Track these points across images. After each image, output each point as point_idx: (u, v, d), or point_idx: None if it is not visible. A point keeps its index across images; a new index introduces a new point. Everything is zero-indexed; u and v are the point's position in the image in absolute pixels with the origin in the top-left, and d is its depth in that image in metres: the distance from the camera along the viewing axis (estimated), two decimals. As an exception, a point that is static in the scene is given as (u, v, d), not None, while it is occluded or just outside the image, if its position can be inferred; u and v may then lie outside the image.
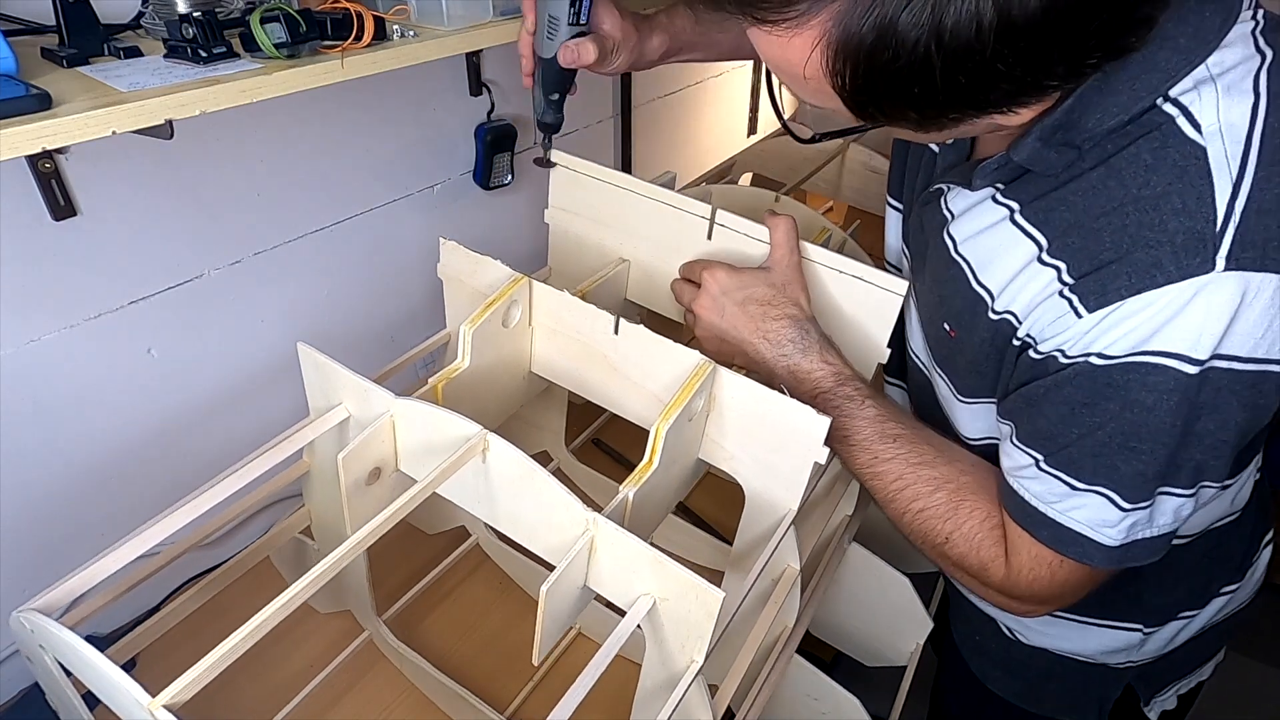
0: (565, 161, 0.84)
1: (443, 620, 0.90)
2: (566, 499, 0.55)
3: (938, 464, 0.65)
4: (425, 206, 1.11)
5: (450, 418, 0.59)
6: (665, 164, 1.61)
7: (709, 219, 0.77)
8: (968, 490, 0.64)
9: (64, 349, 0.79)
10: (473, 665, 0.83)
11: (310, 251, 0.98)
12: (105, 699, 0.50)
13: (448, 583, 0.94)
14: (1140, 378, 0.52)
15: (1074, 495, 0.57)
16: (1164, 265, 0.50)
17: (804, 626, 0.80)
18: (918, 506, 0.65)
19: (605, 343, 0.70)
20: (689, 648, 0.55)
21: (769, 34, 0.47)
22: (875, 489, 0.67)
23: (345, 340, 1.07)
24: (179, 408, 0.91)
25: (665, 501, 0.69)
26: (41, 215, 0.74)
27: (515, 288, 0.70)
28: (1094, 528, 0.57)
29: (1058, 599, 0.62)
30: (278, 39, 0.63)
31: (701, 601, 0.52)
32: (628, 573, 0.55)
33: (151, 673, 0.83)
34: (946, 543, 0.64)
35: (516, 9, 0.83)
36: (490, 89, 1.12)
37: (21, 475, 0.80)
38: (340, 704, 0.81)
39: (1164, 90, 0.51)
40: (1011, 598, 0.64)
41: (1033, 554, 0.60)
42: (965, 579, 0.66)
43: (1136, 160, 0.51)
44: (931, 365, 0.73)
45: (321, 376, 0.66)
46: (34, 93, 0.53)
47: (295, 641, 0.87)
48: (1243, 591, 0.80)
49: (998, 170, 0.59)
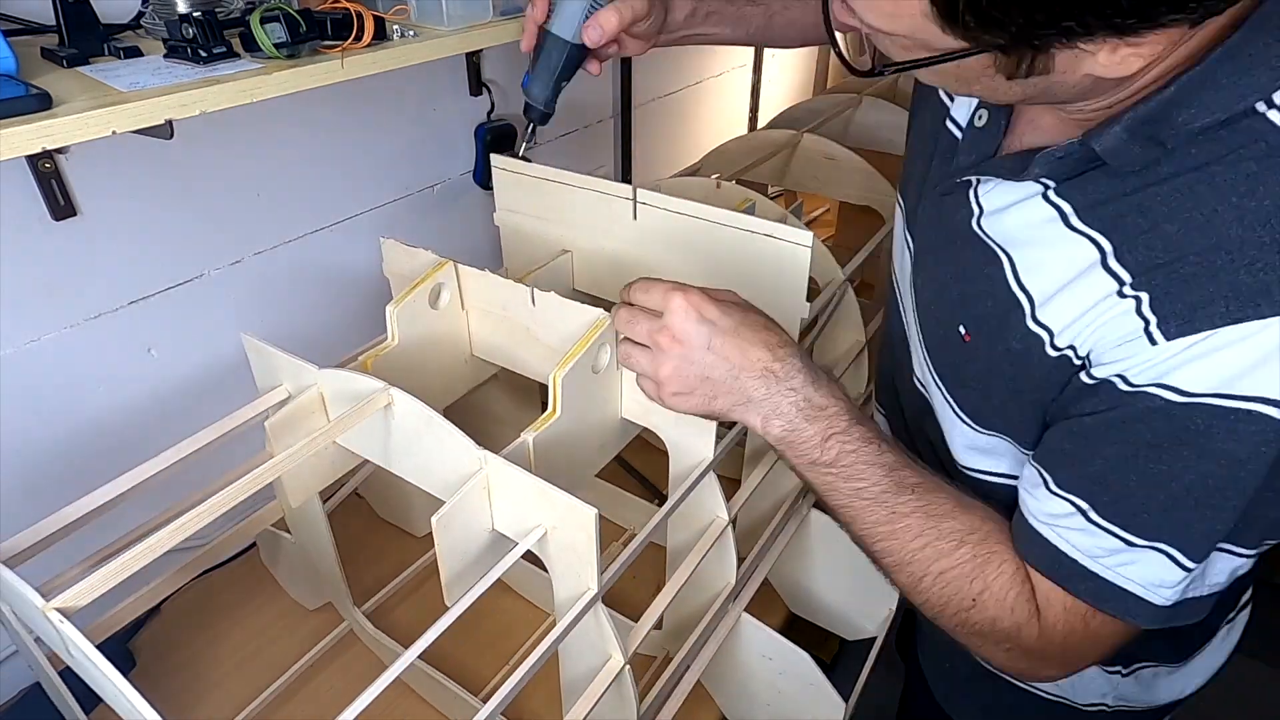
0: (502, 164, 0.86)
1: (420, 610, 0.93)
2: (462, 440, 0.58)
3: (958, 514, 0.56)
4: (425, 206, 1.11)
5: (363, 379, 0.63)
6: (665, 164, 1.61)
7: (632, 199, 0.79)
8: (993, 541, 0.56)
9: (64, 349, 0.79)
10: (449, 652, 0.86)
11: (311, 252, 0.98)
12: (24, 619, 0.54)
13: (426, 575, 0.96)
14: (1228, 425, 0.44)
15: (1129, 551, 0.50)
16: (1272, 293, 0.42)
17: (753, 586, 0.82)
18: (940, 567, 0.55)
19: (526, 314, 0.73)
20: (584, 576, 0.57)
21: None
22: (888, 550, 0.57)
23: (345, 340, 1.07)
24: (179, 408, 0.91)
25: (586, 458, 0.70)
26: (41, 215, 0.74)
27: (440, 270, 0.73)
28: (1148, 587, 0.50)
29: (1091, 658, 0.55)
30: (278, 39, 0.63)
31: (580, 523, 0.54)
32: (523, 509, 0.58)
33: (152, 672, 0.84)
34: (974, 606, 0.55)
35: (517, 9, 0.83)
36: (490, 89, 1.12)
37: (21, 475, 0.80)
38: (320, 690, 0.84)
39: (1270, 92, 0.44)
40: (1044, 660, 0.55)
41: (1066, 606, 0.53)
42: (989, 648, 0.57)
43: (1238, 168, 0.44)
44: (929, 375, 0.65)
45: (263, 360, 0.70)
46: (34, 93, 0.53)
47: (279, 633, 0.89)
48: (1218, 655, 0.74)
49: (1062, 160, 0.50)
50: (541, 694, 0.83)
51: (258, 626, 0.89)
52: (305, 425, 0.68)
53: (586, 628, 0.60)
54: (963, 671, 0.80)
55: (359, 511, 1.05)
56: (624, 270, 0.83)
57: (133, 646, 0.86)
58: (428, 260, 0.75)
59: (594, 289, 0.88)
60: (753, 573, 0.83)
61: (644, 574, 0.94)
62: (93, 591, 0.48)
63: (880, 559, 0.58)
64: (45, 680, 0.62)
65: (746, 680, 0.83)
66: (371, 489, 1.03)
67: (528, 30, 0.72)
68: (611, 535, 0.98)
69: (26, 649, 0.58)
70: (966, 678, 0.79)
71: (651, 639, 0.73)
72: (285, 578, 0.93)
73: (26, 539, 0.56)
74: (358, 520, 1.04)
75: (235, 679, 0.84)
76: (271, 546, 0.91)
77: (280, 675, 0.83)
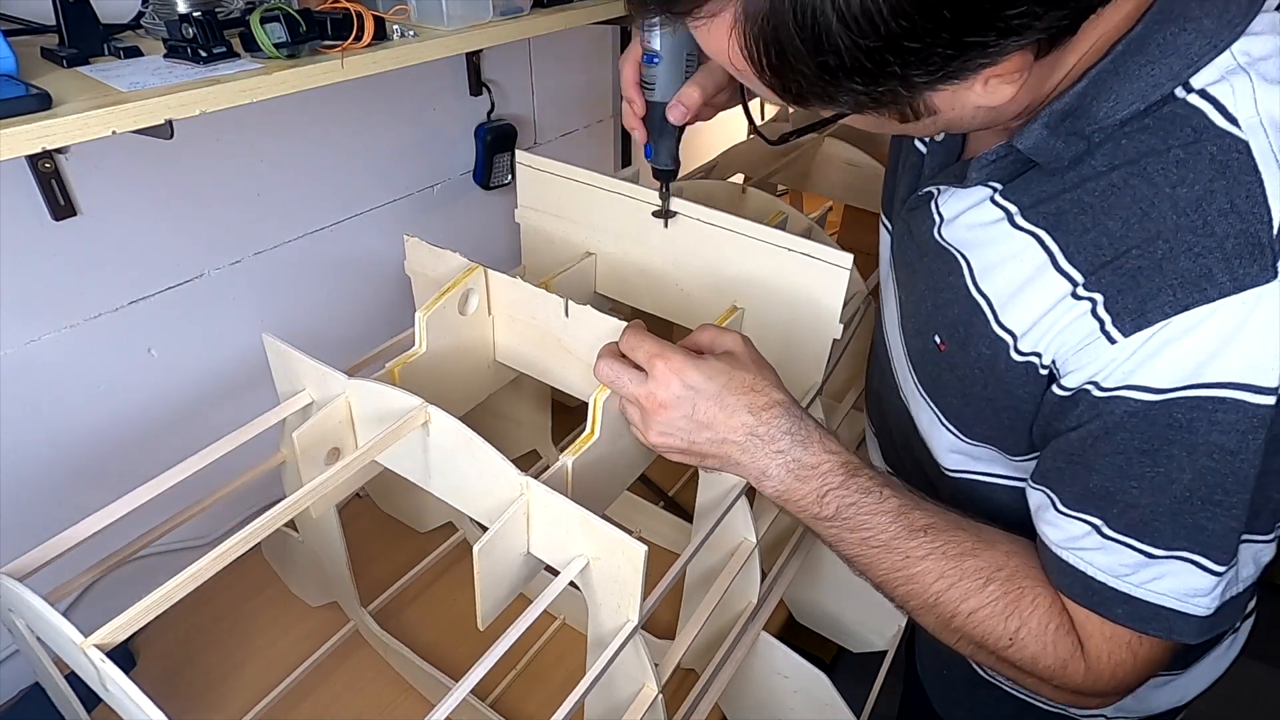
0: (527, 160, 0.85)
1: (426, 611, 0.92)
2: (502, 464, 0.56)
3: (980, 551, 0.55)
4: (425, 206, 1.11)
5: (396, 393, 0.61)
6: (665, 164, 1.61)
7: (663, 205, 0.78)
8: (1021, 576, 0.54)
9: (64, 349, 0.79)
10: (455, 654, 0.86)
11: (310, 252, 0.98)
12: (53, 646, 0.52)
13: (433, 576, 0.96)
14: (1206, 416, 0.44)
15: (1152, 564, 0.49)
16: (1214, 275, 0.43)
17: (772, 603, 0.81)
18: (968, 608, 0.54)
19: (557, 326, 0.72)
20: (624, 607, 0.56)
21: (694, 26, 0.45)
22: (910, 594, 0.56)
23: (346, 340, 1.07)
24: (179, 408, 0.91)
25: (618, 476, 0.70)
26: (41, 215, 0.74)
27: (470, 276, 0.72)
28: (1182, 599, 0.49)
29: (1142, 680, 0.53)
30: (278, 39, 0.63)
31: (627, 557, 0.53)
32: (563, 536, 0.56)
33: (152, 672, 0.84)
34: (1012, 645, 0.53)
35: (517, 9, 0.83)
36: (490, 89, 1.12)
37: (21, 475, 0.80)
38: (326, 690, 0.83)
39: (1185, 78, 0.45)
40: (1096, 694, 0.54)
41: (1106, 634, 0.51)
42: (1036, 684, 0.55)
43: (1165, 156, 0.45)
44: (916, 390, 0.65)
45: (285, 364, 0.68)
46: (34, 93, 0.53)
47: (282, 632, 0.89)
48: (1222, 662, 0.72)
49: (995, 163, 0.52)
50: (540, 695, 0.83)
51: (259, 624, 0.89)
52: (333, 437, 0.65)
53: (625, 658, 0.59)
54: (960, 678, 0.79)
55: (361, 506, 1.05)
56: (650, 277, 0.82)
57: (133, 646, 0.86)
58: (456, 264, 0.73)
59: (617, 294, 0.86)
60: (771, 590, 0.82)
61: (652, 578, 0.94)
62: (130, 627, 0.47)
63: (905, 603, 0.57)
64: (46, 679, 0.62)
65: (761, 697, 0.82)
66: (374, 484, 1.03)
67: (628, 116, 0.70)
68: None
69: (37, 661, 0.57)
70: (964, 684, 0.79)
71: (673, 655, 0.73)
72: (290, 575, 0.93)
73: (39, 557, 0.54)
74: (360, 515, 1.03)
75: (237, 679, 0.84)
76: (278, 544, 0.91)
77: (285, 676, 0.83)
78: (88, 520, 0.56)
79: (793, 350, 0.75)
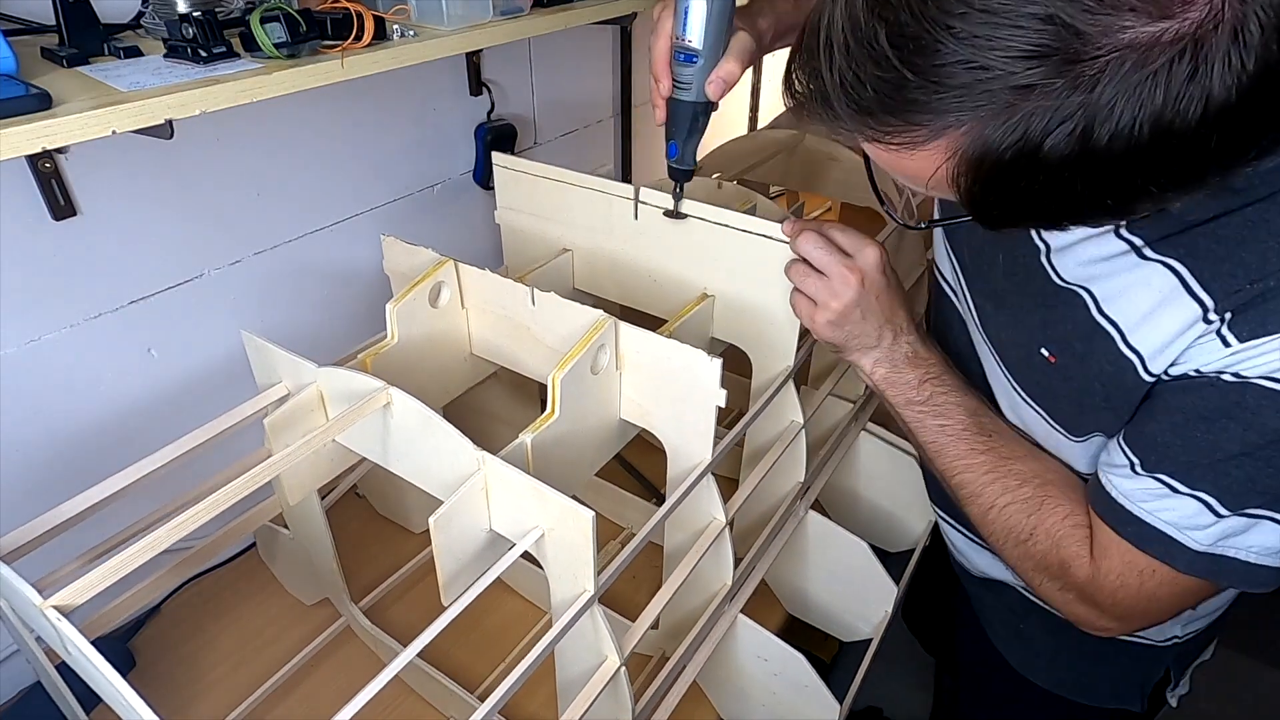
0: (503, 162, 0.86)
1: (417, 607, 0.93)
2: (461, 441, 0.58)
3: (1027, 460, 0.65)
4: (425, 206, 1.11)
5: (362, 378, 0.63)
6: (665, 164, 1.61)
7: (634, 199, 0.79)
8: (1053, 486, 0.63)
9: (64, 349, 0.79)
10: (448, 650, 0.86)
11: (311, 251, 0.98)
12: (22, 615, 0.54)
13: (423, 572, 0.96)
14: (1274, 402, 0.49)
15: (1171, 497, 0.55)
16: None
17: (750, 586, 0.82)
18: (1004, 500, 0.64)
19: (526, 314, 0.73)
20: (580, 577, 0.58)
21: (887, 151, 0.45)
22: (963, 482, 0.66)
23: (346, 339, 1.07)
24: (179, 407, 0.91)
25: (585, 457, 0.70)
26: (42, 215, 0.74)
27: (440, 269, 0.74)
28: (1180, 529, 0.55)
29: (1143, 614, 0.60)
30: (278, 39, 0.63)
31: (577, 524, 0.54)
32: (519, 509, 0.58)
33: (152, 671, 0.84)
34: (1030, 539, 0.63)
35: (517, 9, 0.83)
36: (490, 88, 1.12)
37: (21, 474, 0.80)
38: (317, 687, 0.84)
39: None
40: (1095, 605, 0.61)
41: (1125, 560, 0.58)
42: (1047, 585, 0.64)
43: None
44: (1016, 394, 0.68)
45: (262, 358, 0.70)
46: (34, 92, 0.53)
47: (278, 630, 0.89)
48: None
49: None
50: (541, 694, 0.83)
51: (256, 624, 0.90)
52: (304, 423, 0.68)
53: (583, 629, 0.61)
54: (1035, 631, 0.83)
55: (358, 508, 1.05)
56: (624, 270, 0.84)
57: (133, 646, 0.86)
58: (428, 258, 0.75)
59: (594, 289, 0.88)
60: (749, 574, 0.83)
61: (642, 574, 0.94)
62: (90, 589, 0.48)
63: (958, 491, 0.67)
64: (45, 679, 0.62)
65: (742, 681, 0.83)
66: (370, 486, 1.04)
67: (657, 105, 0.71)
68: (611, 534, 0.98)
69: (25, 646, 0.58)
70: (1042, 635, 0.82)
71: (649, 639, 0.74)
72: (283, 573, 0.93)
73: (23, 535, 0.56)
74: (356, 517, 1.04)
75: (234, 676, 0.84)
76: (269, 542, 0.91)
77: (277, 672, 0.83)
78: (69, 503, 0.58)
79: (763, 335, 0.77)
